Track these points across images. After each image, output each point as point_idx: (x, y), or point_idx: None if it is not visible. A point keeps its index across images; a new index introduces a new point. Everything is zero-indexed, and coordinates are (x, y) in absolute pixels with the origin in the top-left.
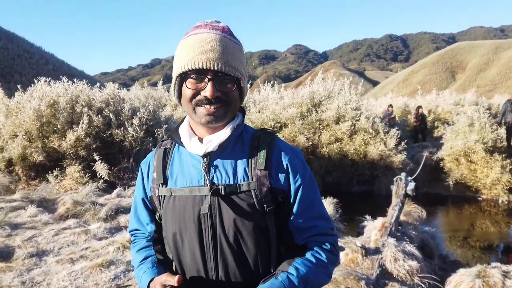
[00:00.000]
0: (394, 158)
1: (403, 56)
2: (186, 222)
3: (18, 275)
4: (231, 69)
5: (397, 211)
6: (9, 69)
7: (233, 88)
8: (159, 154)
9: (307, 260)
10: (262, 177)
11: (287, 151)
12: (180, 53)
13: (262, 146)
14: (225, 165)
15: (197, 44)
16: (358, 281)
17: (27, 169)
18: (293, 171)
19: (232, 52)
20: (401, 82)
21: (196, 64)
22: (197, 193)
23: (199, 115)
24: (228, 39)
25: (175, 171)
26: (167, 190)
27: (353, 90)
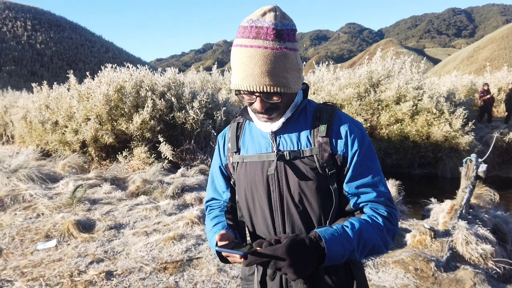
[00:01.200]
0: (460, 140)
1: (468, 31)
2: (256, 184)
3: (100, 245)
4: (274, 87)
5: (467, 193)
6: (74, 57)
7: (279, 99)
8: (233, 127)
9: (363, 219)
10: (324, 143)
11: (347, 120)
12: (233, 67)
13: (324, 116)
14: (290, 134)
15: (242, 64)
16: (428, 263)
17: (99, 150)
18: (351, 138)
19: (274, 67)
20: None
21: (244, 86)
22: (265, 159)
23: (258, 117)
24: (269, 51)
25: (247, 141)
26: (239, 157)
27: (415, 69)
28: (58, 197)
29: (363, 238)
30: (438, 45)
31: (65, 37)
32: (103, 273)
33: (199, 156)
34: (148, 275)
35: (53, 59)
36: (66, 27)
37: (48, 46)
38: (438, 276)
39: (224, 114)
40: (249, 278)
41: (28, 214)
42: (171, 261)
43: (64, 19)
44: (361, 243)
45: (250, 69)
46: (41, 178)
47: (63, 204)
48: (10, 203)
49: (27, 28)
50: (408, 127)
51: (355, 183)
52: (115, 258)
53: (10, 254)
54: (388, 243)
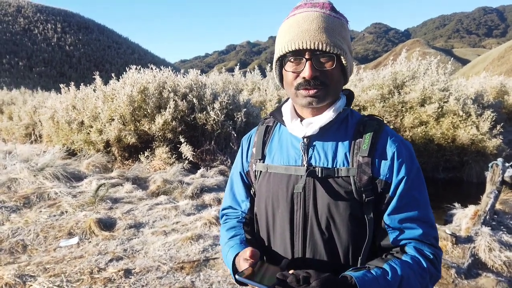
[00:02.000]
0: (488, 143)
1: (499, 31)
2: (279, 199)
3: (120, 243)
4: (330, 46)
5: (492, 199)
6: (101, 59)
7: (333, 66)
8: (260, 130)
9: (406, 263)
10: (364, 164)
11: (395, 139)
12: (279, 37)
13: (368, 131)
14: (325, 147)
15: (294, 24)
16: (448, 269)
17: (122, 149)
18: (398, 161)
19: (331, 27)
20: (496, 60)
21: (292, 45)
22: (292, 172)
23: (300, 97)
24: (327, 15)
25: (274, 149)
26: (263, 166)
27: (441, 70)
28: (82, 195)
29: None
30: (467, 45)
31: (93, 39)
32: (121, 271)
33: (219, 157)
34: (165, 274)
35: (81, 61)
36: (94, 29)
37: (77, 48)
38: (458, 283)
39: (244, 116)
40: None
41: (53, 212)
42: (188, 260)
43: (92, 22)
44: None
45: (305, 25)
46: (66, 177)
47: (86, 202)
48: (36, 201)
49: (57, 31)
50: (433, 129)
51: (399, 216)
52: (134, 257)
53: (34, 250)
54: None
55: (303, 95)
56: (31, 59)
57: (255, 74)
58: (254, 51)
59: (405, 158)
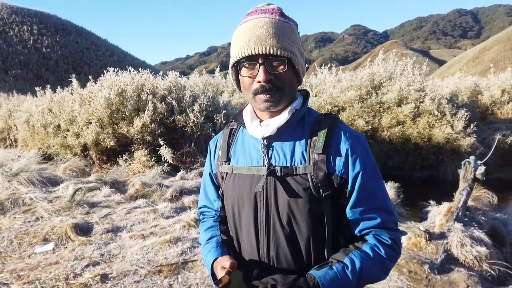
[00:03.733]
0: (462, 142)
1: (474, 32)
2: (243, 199)
3: (97, 248)
4: (280, 50)
5: (464, 196)
6: (79, 61)
7: (285, 69)
8: (225, 134)
9: (365, 254)
10: (320, 161)
11: (348, 135)
12: (233, 43)
13: (322, 129)
14: (284, 147)
15: (246, 31)
16: (422, 265)
17: (100, 153)
18: (352, 157)
19: (281, 32)
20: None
21: (245, 51)
22: (255, 173)
23: (258, 102)
24: (276, 20)
25: (238, 151)
26: (229, 168)
27: (417, 71)
28: (58, 200)
29: (363, 278)
30: (443, 46)
31: (71, 41)
32: (98, 276)
33: (199, 159)
34: (143, 278)
35: (58, 63)
36: (72, 31)
37: (54, 50)
38: (431, 278)
39: (224, 117)
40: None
41: (27, 217)
42: (166, 264)
43: (70, 23)
44: (360, 283)
45: (256, 31)
46: (41, 182)
47: (62, 207)
48: (10, 207)
49: (33, 32)
50: (409, 129)
51: (360, 208)
52: (111, 261)
53: (8, 257)
54: (389, 271)
55: (262, 99)
56: (6, 62)
57: None
58: None
59: (359, 153)
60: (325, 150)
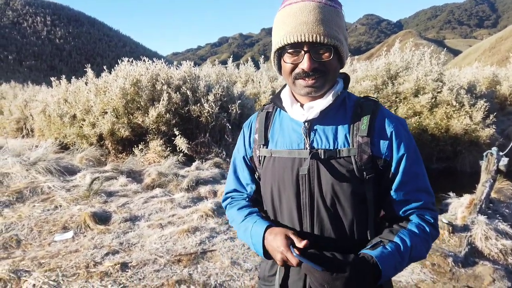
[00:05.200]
0: (481, 133)
1: (490, 21)
2: (284, 182)
3: (116, 237)
4: (327, 38)
5: (487, 188)
6: (92, 52)
7: (330, 57)
8: (261, 117)
9: (412, 232)
10: (364, 144)
11: (391, 119)
12: (277, 27)
13: (365, 112)
14: (326, 130)
15: (291, 16)
16: (445, 258)
17: (115, 143)
18: (397, 140)
19: (328, 18)
20: (487, 50)
21: (291, 38)
22: (296, 156)
23: (298, 87)
24: (323, 4)
25: (276, 134)
26: (267, 151)
27: (434, 60)
28: (76, 189)
29: (412, 256)
30: (459, 36)
31: (84, 32)
32: (118, 264)
33: (214, 149)
34: (162, 267)
35: (71, 54)
36: (84, 22)
37: (67, 41)
38: (455, 271)
39: (239, 107)
40: (269, 279)
41: (46, 206)
42: (185, 253)
43: (83, 14)
44: (410, 261)
45: (303, 17)
46: (59, 171)
47: (80, 196)
48: (29, 195)
49: (46, 24)
50: (426, 120)
51: (404, 190)
52: (130, 250)
53: (29, 245)
54: (429, 249)
55: (302, 85)
56: (21, 53)
57: (248, 66)
58: (246, 43)
59: (403, 137)
60: (369, 133)
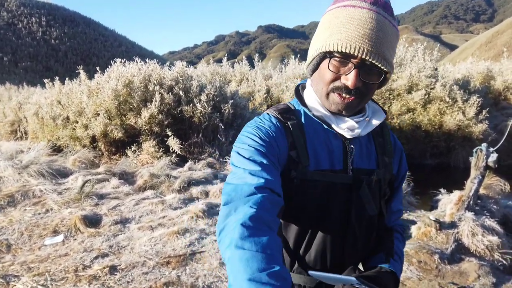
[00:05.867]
0: (474, 128)
1: (487, 16)
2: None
3: (106, 239)
4: (383, 61)
5: (476, 184)
6: (88, 52)
7: (378, 81)
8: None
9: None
10: (389, 164)
11: (396, 138)
12: (331, 26)
13: (385, 132)
14: (362, 150)
15: (354, 22)
16: (431, 255)
17: (108, 144)
18: (403, 159)
19: (390, 40)
20: (484, 45)
21: (348, 47)
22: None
23: (331, 101)
24: (388, 22)
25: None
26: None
27: (428, 56)
28: (67, 192)
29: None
30: (455, 30)
31: (79, 32)
32: (107, 267)
33: (207, 149)
34: (151, 270)
35: (67, 54)
36: (79, 22)
37: (63, 42)
38: (441, 268)
39: (232, 107)
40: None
41: (37, 210)
42: (174, 255)
43: (78, 14)
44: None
45: (368, 29)
46: (51, 174)
47: (72, 199)
48: (20, 199)
49: (41, 24)
50: (420, 116)
51: (398, 203)
52: (119, 253)
53: (19, 249)
54: None
55: (337, 101)
56: (16, 54)
57: (243, 65)
58: (243, 41)
59: (404, 156)
60: (392, 153)
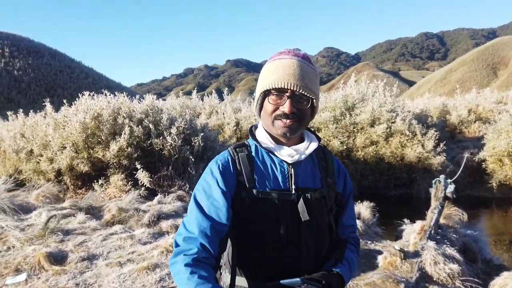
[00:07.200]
0: (433, 160)
1: (440, 54)
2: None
3: (72, 277)
4: (307, 90)
5: (436, 214)
6: (52, 84)
7: (307, 106)
8: (242, 158)
9: (352, 251)
10: (332, 183)
11: (339, 162)
12: (266, 74)
13: (328, 157)
14: (306, 172)
15: (281, 67)
16: (397, 284)
17: (75, 178)
18: (347, 180)
19: (310, 76)
20: (439, 81)
21: (279, 83)
22: (285, 197)
23: (276, 127)
24: (306, 65)
25: (261, 175)
26: (256, 192)
27: (388, 92)
28: (31, 228)
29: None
30: (412, 67)
31: (44, 64)
32: None
33: (177, 182)
34: None
35: (31, 86)
36: (45, 54)
37: (26, 73)
38: None
39: (202, 140)
40: None
41: None
42: None
43: (43, 46)
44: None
45: (291, 70)
46: (13, 209)
47: (35, 236)
48: None
49: (4, 55)
50: (383, 149)
51: (350, 218)
52: None
53: None
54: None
55: (280, 125)
56: None
57: (212, 98)
58: (212, 74)
59: (348, 177)
60: (334, 174)
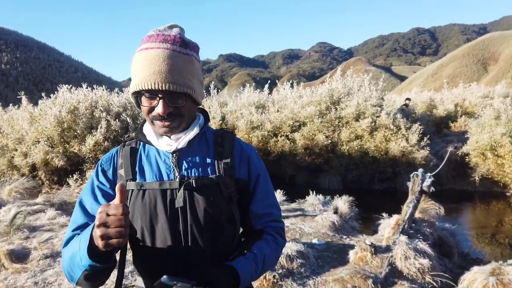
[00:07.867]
0: (417, 154)
1: (432, 50)
2: (157, 214)
3: (32, 275)
4: (179, 86)
5: (411, 208)
6: (41, 78)
7: (184, 103)
8: (125, 152)
9: (266, 243)
10: (228, 169)
11: (246, 146)
12: (134, 70)
13: (226, 142)
14: (193, 160)
15: (147, 63)
16: (365, 280)
17: (50, 173)
18: (252, 164)
19: (182, 67)
20: (430, 76)
21: (146, 85)
22: (167, 187)
23: (156, 127)
24: (177, 53)
25: (143, 167)
26: (135, 185)
27: (373, 86)
28: None
29: (266, 264)
30: (404, 63)
31: (32, 57)
32: None
33: None
34: None
35: (18, 80)
36: (33, 47)
37: (14, 67)
38: None
39: None
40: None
41: None
42: None
43: (32, 39)
44: (264, 269)
45: (156, 66)
46: None
47: (0, 232)
48: None
49: None
50: (367, 143)
51: (261, 206)
52: None
53: None
54: (280, 256)
55: (159, 125)
56: None
57: None
58: (204, 69)
59: (257, 161)
60: (232, 159)
